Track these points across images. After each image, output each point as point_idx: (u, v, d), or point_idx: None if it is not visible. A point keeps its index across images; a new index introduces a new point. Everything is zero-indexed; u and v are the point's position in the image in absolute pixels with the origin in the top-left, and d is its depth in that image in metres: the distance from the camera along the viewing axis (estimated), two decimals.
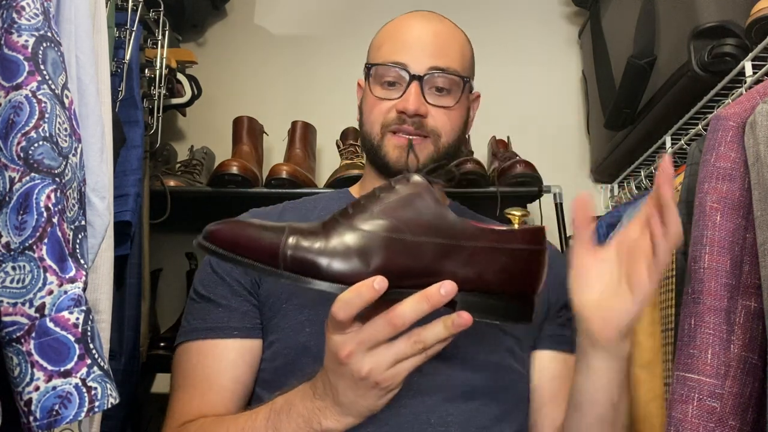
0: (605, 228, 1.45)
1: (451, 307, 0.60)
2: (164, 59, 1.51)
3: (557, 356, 0.90)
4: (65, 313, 0.60)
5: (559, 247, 1.71)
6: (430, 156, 0.87)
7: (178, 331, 0.89)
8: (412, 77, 0.85)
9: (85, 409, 0.59)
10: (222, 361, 0.83)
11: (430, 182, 0.63)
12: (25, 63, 0.64)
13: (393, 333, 0.58)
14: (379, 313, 0.59)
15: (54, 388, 0.58)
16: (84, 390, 0.59)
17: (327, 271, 0.59)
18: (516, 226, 0.65)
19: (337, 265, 0.59)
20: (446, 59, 0.87)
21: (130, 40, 1.25)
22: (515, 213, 0.68)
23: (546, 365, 0.89)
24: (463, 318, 0.58)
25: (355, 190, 1.01)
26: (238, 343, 0.84)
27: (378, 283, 0.57)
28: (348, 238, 0.59)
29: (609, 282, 0.67)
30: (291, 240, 0.59)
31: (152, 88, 1.48)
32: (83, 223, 0.68)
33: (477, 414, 0.80)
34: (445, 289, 0.58)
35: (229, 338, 0.84)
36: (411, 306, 0.58)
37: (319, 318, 0.78)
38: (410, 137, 0.86)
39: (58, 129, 0.65)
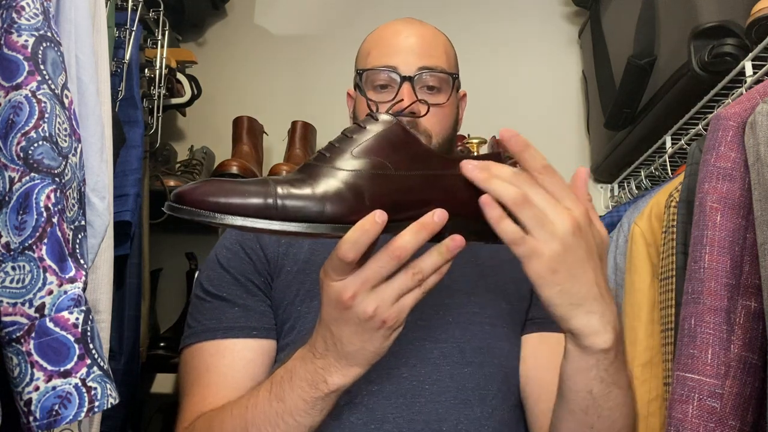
0: (605, 228, 1.45)
1: (436, 240, 0.61)
2: (164, 59, 1.51)
3: (547, 337, 0.87)
4: (65, 313, 0.60)
5: None
6: None
7: (185, 332, 0.85)
8: (403, 78, 0.88)
9: (85, 409, 0.59)
10: (241, 360, 0.80)
11: (396, 117, 0.64)
12: (25, 63, 0.64)
13: (396, 266, 0.58)
14: (370, 254, 0.58)
15: (54, 388, 0.58)
16: (84, 390, 0.59)
17: (326, 215, 0.57)
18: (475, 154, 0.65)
19: (334, 206, 0.57)
20: (433, 59, 0.90)
21: (130, 40, 1.25)
22: (473, 141, 0.68)
23: (536, 349, 0.87)
24: (456, 241, 0.59)
25: None
26: (257, 344, 0.82)
27: (379, 216, 0.57)
28: (336, 180, 0.58)
29: None
30: (281, 190, 0.56)
31: (152, 88, 1.48)
32: (83, 223, 0.68)
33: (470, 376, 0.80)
34: (437, 216, 0.59)
35: (248, 338, 0.81)
36: (410, 236, 0.58)
37: None
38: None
39: (58, 129, 0.65)
